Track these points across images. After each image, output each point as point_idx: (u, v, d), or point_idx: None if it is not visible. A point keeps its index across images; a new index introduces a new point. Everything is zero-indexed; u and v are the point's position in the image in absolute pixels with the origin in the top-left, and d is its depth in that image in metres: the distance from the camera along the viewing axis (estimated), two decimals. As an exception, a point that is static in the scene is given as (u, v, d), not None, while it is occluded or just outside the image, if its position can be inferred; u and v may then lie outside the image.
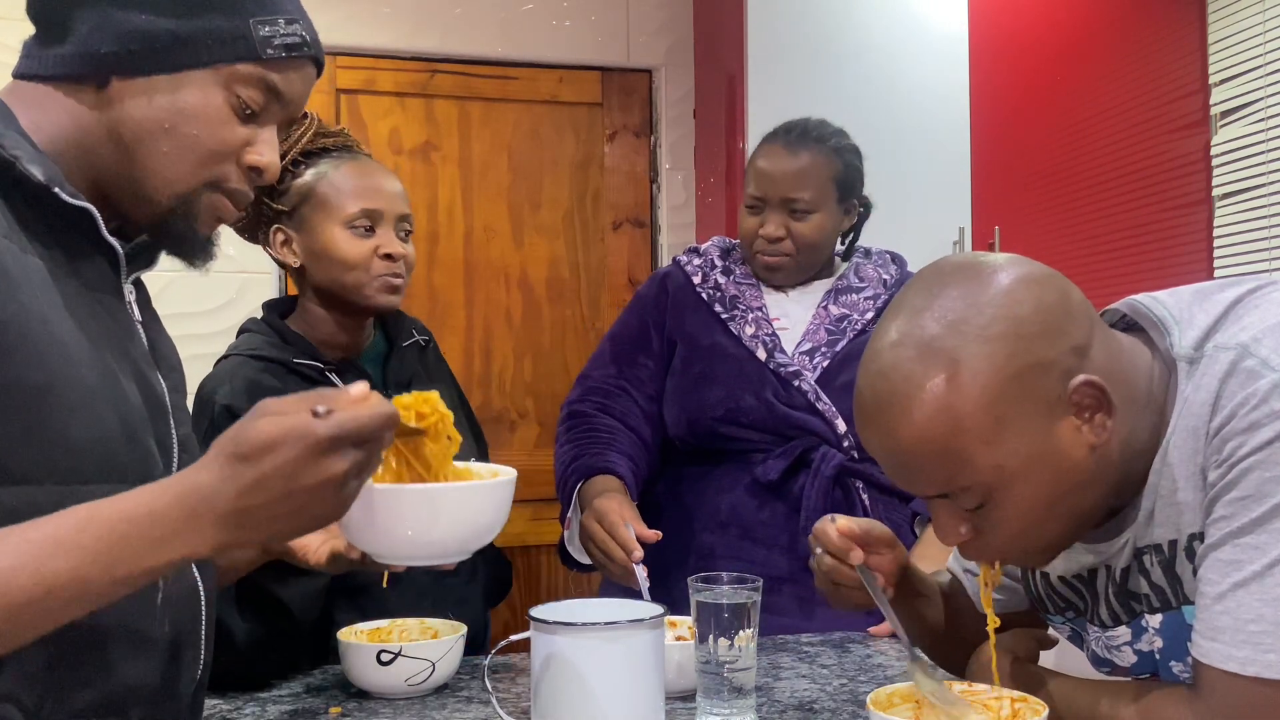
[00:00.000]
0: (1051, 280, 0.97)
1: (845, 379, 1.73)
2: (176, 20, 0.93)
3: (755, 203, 1.82)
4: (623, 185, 3.50)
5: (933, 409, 0.92)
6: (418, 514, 0.92)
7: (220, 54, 0.94)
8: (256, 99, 0.97)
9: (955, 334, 0.93)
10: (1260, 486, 0.88)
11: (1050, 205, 2.89)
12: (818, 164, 1.80)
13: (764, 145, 1.85)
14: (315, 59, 1.01)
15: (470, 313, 3.35)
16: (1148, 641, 1.02)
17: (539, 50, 3.38)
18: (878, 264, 1.91)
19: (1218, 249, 2.42)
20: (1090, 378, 0.93)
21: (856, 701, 1.25)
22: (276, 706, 1.28)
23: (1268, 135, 2.32)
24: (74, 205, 0.89)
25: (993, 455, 0.92)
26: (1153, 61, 2.57)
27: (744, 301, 1.83)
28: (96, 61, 0.92)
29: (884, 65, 3.19)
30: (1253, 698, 0.88)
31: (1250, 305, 0.96)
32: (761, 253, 1.82)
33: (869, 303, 1.83)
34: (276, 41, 0.96)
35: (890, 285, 1.86)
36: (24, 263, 0.85)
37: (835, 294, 1.84)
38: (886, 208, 3.21)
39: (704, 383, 1.77)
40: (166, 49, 0.93)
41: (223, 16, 0.94)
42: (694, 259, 1.93)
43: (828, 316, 1.82)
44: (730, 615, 1.15)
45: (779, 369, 1.75)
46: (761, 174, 1.81)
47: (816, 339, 1.79)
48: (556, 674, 1.06)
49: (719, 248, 1.94)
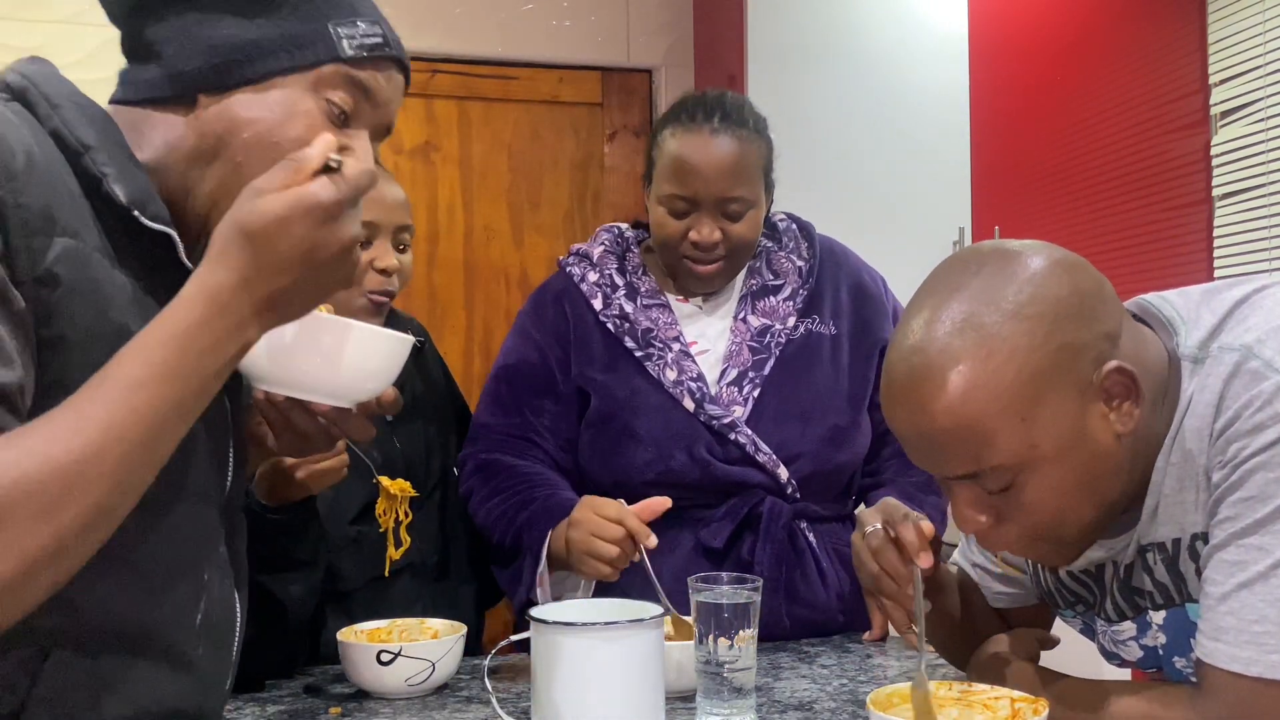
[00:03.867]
0: (1086, 267, 0.98)
1: (777, 407, 1.58)
2: (256, 31, 0.93)
3: (681, 203, 1.56)
4: (623, 185, 3.50)
5: (969, 384, 0.92)
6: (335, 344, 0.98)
7: (303, 58, 0.94)
8: (346, 100, 0.96)
9: (993, 311, 0.93)
10: (1264, 488, 0.88)
11: (1050, 205, 2.89)
12: (750, 153, 1.56)
13: (680, 131, 1.56)
14: (399, 61, 1.01)
15: (470, 313, 3.35)
16: (1152, 637, 1.03)
17: (539, 50, 3.38)
18: (788, 249, 1.70)
19: (1218, 249, 2.42)
20: (1122, 364, 0.93)
21: (856, 701, 1.25)
22: (276, 706, 1.28)
23: (1268, 135, 2.32)
24: (155, 229, 0.90)
25: (1027, 433, 0.92)
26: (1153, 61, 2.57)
27: (658, 333, 1.61)
28: (184, 80, 0.93)
29: (884, 65, 3.19)
30: (1256, 698, 0.88)
31: (1254, 305, 0.96)
32: (692, 260, 1.58)
33: (788, 305, 1.64)
34: (357, 42, 0.96)
35: (806, 273, 1.67)
36: (114, 279, 0.86)
37: (751, 299, 1.64)
38: (886, 208, 3.23)
39: (628, 440, 1.57)
40: (250, 60, 0.93)
41: (300, 22, 0.94)
42: (588, 273, 1.67)
43: (748, 331, 1.62)
44: (730, 615, 1.14)
45: (711, 422, 1.55)
46: (688, 169, 1.54)
47: (740, 361, 1.60)
48: (556, 674, 1.06)
49: (613, 253, 1.69)
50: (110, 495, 0.75)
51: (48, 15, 3.15)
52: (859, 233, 3.06)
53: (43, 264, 0.80)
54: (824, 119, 3.20)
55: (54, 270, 0.81)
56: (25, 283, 0.79)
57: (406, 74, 1.03)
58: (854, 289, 1.70)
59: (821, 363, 1.62)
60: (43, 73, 0.92)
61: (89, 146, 0.88)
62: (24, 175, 0.80)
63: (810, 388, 1.61)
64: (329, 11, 0.95)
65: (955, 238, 3.15)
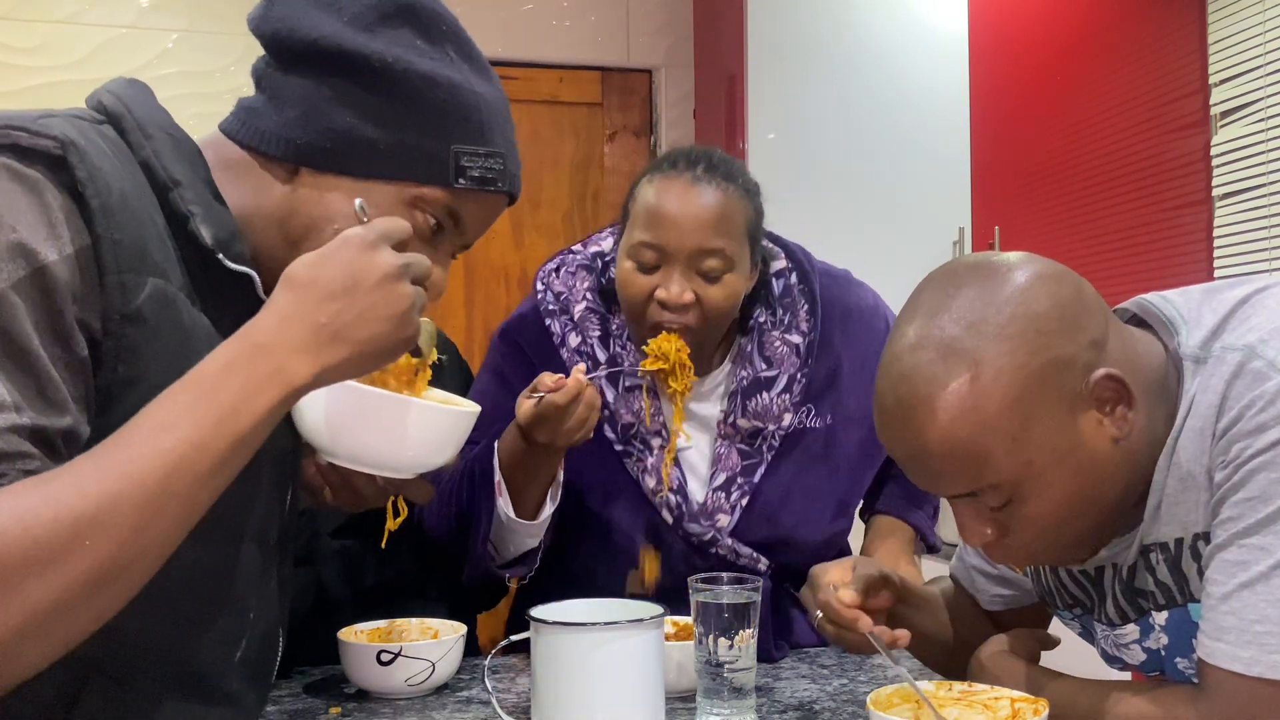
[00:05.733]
0: (1065, 276, 0.97)
1: (767, 513, 1.46)
2: (380, 130, 0.92)
3: (650, 254, 1.37)
4: (623, 185, 3.49)
5: (958, 410, 0.92)
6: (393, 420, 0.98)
7: (412, 172, 0.93)
8: (440, 222, 0.96)
9: (975, 334, 0.93)
10: (1267, 488, 0.88)
11: (1050, 205, 2.89)
12: (734, 207, 1.38)
13: (659, 178, 1.39)
14: (510, 194, 1.00)
15: (470, 313, 3.35)
16: (1155, 639, 1.02)
17: (539, 50, 3.38)
18: (784, 324, 1.48)
19: (1218, 249, 2.42)
20: (1111, 370, 0.93)
21: (856, 701, 1.25)
22: (276, 706, 1.27)
23: (1268, 135, 2.32)
24: (238, 271, 0.89)
25: (1020, 452, 0.92)
26: (1153, 61, 2.57)
27: (639, 430, 1.45)
28: (292, 148, 0.92)
29: (884, 65, 3.20)
30: (1257, 698, 0.88)
31: (1257, 305, 0.96)
32: (658, 321, 1.39)
33: (783, 400, 1.45)
34: (474, 173, 0.95)
35: (805, 352, 1.47)
36: (195, 320, 0.86)
37: (741, 396, 1.46)
38: (886, 208, 3.23)
39: (601, 539, 1.46)
40: (362, 155, 0.92)
41: (425, 136, 0.93)
42: (569, 335, 1.48)
43: (738, 435, 1.47)
44: (730, 615, 1.14)
45: (691, 536, 1.44)
46: (661, 216, 1.36)
47: (729, 465, 1.46)
48: (556, 674, 1.06)
49: (596, 312, 1.48)
50: (125, 546, 0.71)
51: (48, 15, 3.15)
52: (859, 233, 3.08)
53: (134, 302, 0.80)
54: (824, 119, 3.20)
55: (142, 310, 0.80)
56: (114, 320, 0.79)
57: (513, 200, 1.02)
58: (857, 359, 1.50)
59: (816, 463, 1.50)
60: (138, 98, 0.91)
61: (178, 183, 0.87)
62: (120, 212, 0.80)
63: (804, 492, 1.49)
64: (455, 132, 0.94)
65: (955, 238, 3.15)
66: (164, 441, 0.73)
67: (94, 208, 0.78)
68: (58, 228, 0.76)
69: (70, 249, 0.77)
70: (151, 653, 0.86)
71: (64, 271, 0.76)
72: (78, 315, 0.77)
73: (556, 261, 1.55)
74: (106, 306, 0.78)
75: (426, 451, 1.00)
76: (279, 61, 0.94)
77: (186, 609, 0.87)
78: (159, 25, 3.19)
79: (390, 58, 0.91)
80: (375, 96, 0.91)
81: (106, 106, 0.89)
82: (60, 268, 0.76)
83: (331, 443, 0.98)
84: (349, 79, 0.91)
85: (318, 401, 0.95)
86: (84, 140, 0.80)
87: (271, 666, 1.01)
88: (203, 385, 0.76)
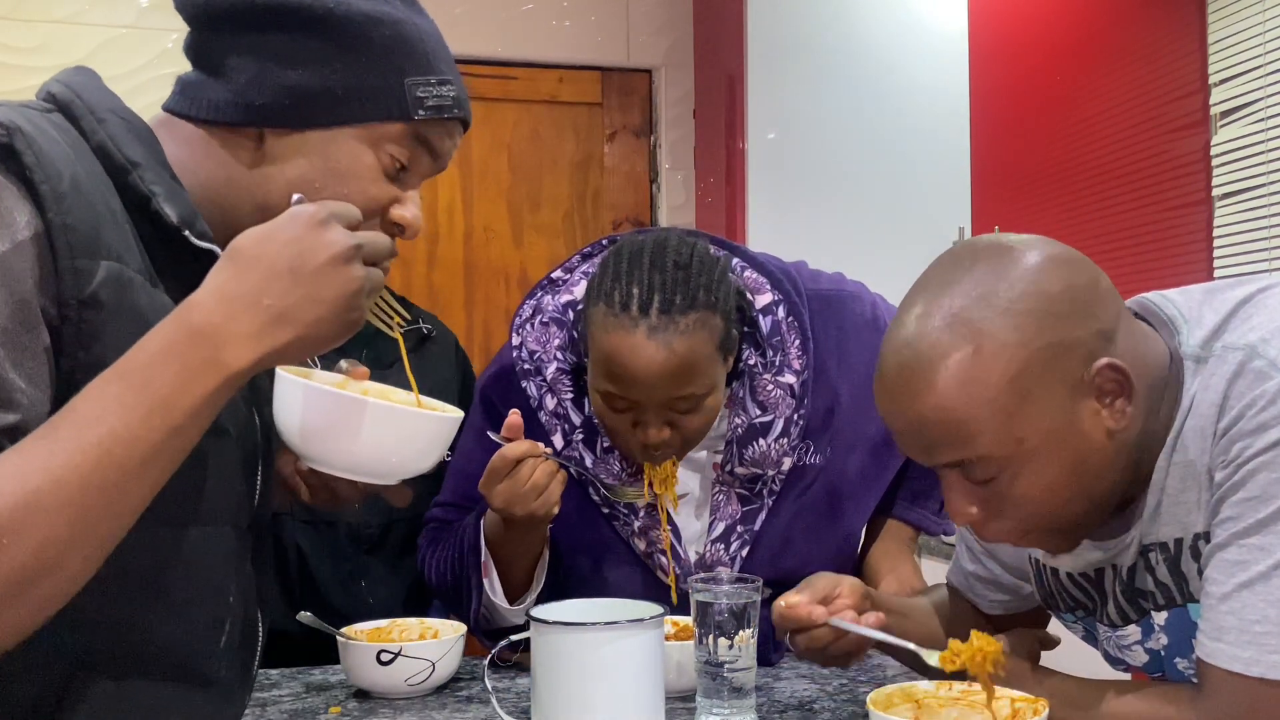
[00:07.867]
0: (1082, 263, 0.98)
1: (769, 560, 1.43)
2: (333, 77, 0.92)
3: (619, 401, 1.31)
4: (623, 185, 3.50)
5: (956, 380, 0.92)
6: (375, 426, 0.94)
7: (373, 112, 0.93)
8: (405, 156, 0.96)
9: (984, 306, 0.93)
10: (1267, 488, 0.88)
11: (1050, 205, 2.89)
12: (696, 347, 1.27)
13: (611, 322, 1.27)
14: (464, 120, 1.00)
15: (470, 313, 3.35)
16: (1156, 640, 1.02)
17: (539, 50, 3.38)
18: (776, 365, 1.40)
19: (1218, 249, 2.41)
20: (1114, 361, 0.93)
21: (856, 701, 1.25)
22: (276, 707, 1.27)
23: (1268, 135, 2.32)
24: (203, 248, 0.89)
25: (1013, 429, 0.92)
26: (1153, 61, 2.57)
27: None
28: (252, 112, 0.91)
29: (884, 65, 3.19)
30: (1257, 698, 0.88)
31: (1258, 305, 0.96)
32: (642, 459, 1.37)
33: (780, 445, 1.40)
34: (430, 102, 0.95)
35: (799, 392, 1.40)
36: (155, 300, 0.85)
37: (737, 445, 1.41)
38: (887, 207, 3.23)
39: (583, 588, 1.41)
40: (322, 105, 0.92)
41: (378, 75, 0.93)
42: (545, 398, 1.42)
43: (735, 483, 1.43)
44: (730, 615, 1.14)
45: (687, 591, 1.34)
46: (620, 373, 1.27)
47: (728, 514, 1.43)
48: (556, 674, 1.06)
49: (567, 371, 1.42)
50: (49, 545, 0.70)
51: (48, 15, 3.14)
52: (859, 232, 3.08)
53: (88, 287, 0.79)
54: (824, 119, 3.20)
55: (98, 294, 0.79)
56: (70, 305, 0.78)
57: (467, 126, 1.02)
58: (855, 384, 1.45)
59: (817, 501, 1.47)
60: (88, 84, 0.91)
61: (136, 164, 0.87)
62: (70, 197, 0.79)
63: (805, 532, 1.46)
64: (406, 65, 0.94)
65: (955, 238, 3.15)
66: (89, 436, 0.72)
67: (44, 193, 0.77)
68: (8, 215, 0.76)
69: (22, 235, 0.76)
70: (137, 645, 0.85)
71: (17, 259, 0.76)
72: (39, 301, 0.77)
73: (530, 308, 1.48)
74: (62, 292, 0.78)
75: (409, 458, 0.98)
76: (216, 31, 0.93)
77: (165, 598, 0.87)
78: (159, 25, 3.19)
79: (331, 2, 0.91)
80: (324, 44, 0.91)
81: (56, 95, 0.89)
82: (13, 256, 0.76)
83: (309, 448, 0.95)
84: (293, 32, 0.91)
85: (295, 407, 0.94)
86: (30, 126, 0.80)
87: (254, 656, 1.01)
88: (134, 374, 0.74)
